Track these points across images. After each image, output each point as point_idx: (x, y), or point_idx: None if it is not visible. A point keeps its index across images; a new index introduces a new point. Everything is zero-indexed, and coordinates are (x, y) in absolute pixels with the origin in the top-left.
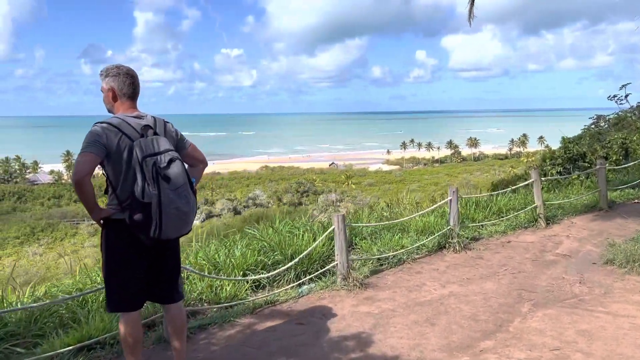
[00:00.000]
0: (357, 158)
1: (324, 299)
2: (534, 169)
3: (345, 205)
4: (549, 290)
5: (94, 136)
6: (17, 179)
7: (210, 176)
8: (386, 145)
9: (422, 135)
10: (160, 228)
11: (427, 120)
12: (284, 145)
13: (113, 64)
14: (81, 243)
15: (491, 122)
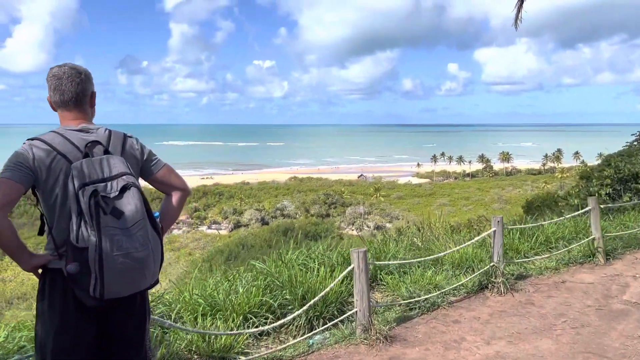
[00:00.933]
0: (386, 170)
1: (340, 357)
2: (592, 197)
3: (373, 218)
4: (624, 355)
5: (18, 157)
6: None
7: (240, 186)
8: (416, 158)
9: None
10: (102, 283)
11: (459, 134)
12: (313, 157)
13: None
14: None
15: (524, 137)
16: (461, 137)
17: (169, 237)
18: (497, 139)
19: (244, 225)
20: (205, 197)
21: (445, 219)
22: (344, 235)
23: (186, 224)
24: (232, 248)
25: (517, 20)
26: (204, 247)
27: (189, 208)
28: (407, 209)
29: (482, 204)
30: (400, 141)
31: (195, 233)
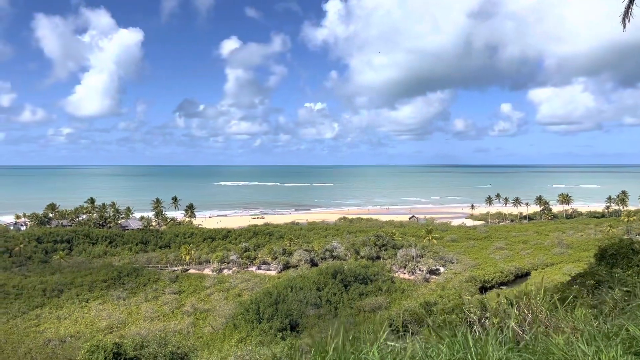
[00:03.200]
0: (438, 212)
1: None
2: None
3: (426, 261)
4: None
5: None
6: (111, 224)
7: (289, 226)
8: (469, 200)
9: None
10: None
11: (513, 175)
12: (363, 197)
13: None
14: (162, 289)
15: (583, 178)
16: (516, 178)
17: (218, 277)
18: (554, 180)
19: (293, 266)
20: (255, 237)
21: (547, 278)
22: (395, 279)
23: (236, 264)
24: (280, 290)
25: (626, 19)
26: (253, 288)
27: (239, 248)
28: (462, 252)
29: (541, 248)
30: (452, 182)
31: (244, 273)
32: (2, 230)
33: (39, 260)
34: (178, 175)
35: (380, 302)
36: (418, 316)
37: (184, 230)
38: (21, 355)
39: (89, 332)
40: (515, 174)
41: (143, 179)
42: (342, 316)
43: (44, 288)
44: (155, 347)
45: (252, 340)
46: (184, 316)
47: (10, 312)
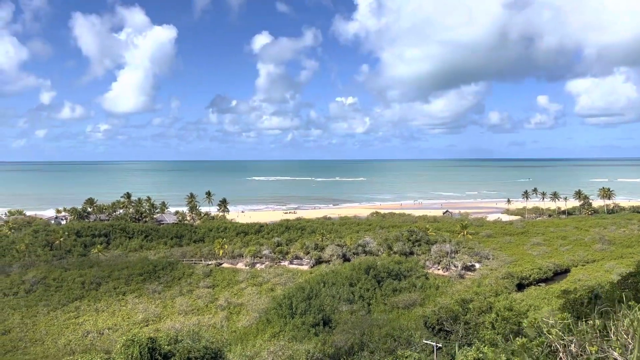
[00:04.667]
0: (473, 207)
1: None
2: None
3: (460, 257)
4: None
5: None
6: (147, 219)
7: (321, 221)
8: (505, 194)
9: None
10: None
11: (551, 168)
12: (395, 192)
13: None
14: (196, 283)
15: (624, 172)
16: (554, 171)
17: (251, 271)
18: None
19: (325, 261)
20: (287, 232)
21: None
22: (429, 275)
23: (269, 259)
24: (312, 285)
25: None
26: (285, 282)
27: (271, 242)
28: (497, 248)
29: (581, 244)
30: (487, 176)
31: (277, 268)
32: (44, 224)
33: (78, 253)
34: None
35: (414, 298)
36: (454, 314)
37: (218, 224)
38: (61, 347)
39: (125, 324)
40: (552, 168)
41: (177, 174)
42: (375, 312)
43: (83, 281)
44: (189, 342)
45: (285, 336)
46: (218, 310)
47: (51, 304)
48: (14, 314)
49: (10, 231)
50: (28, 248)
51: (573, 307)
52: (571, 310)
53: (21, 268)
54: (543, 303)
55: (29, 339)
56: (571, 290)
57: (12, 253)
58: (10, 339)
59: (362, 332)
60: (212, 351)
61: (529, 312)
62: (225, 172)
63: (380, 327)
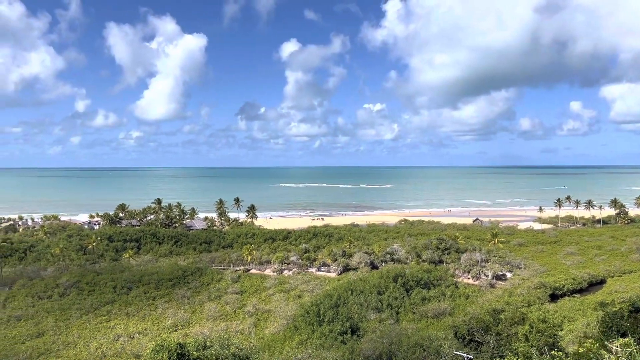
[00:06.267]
0: (504, 214)
1: None
2: None
3: (491, 266)
4: None
5: None
6: (176, 224)
7: (349, 227)
8: (537, 202)
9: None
10: None
11: (585, 176)
12: (424, 199)
13: None
14: (225, 289)
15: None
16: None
17: (279, 278)
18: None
19: (352, 269)
20: (315, 238)
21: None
22: (459, 283)
23: (296, 265)
24: (340, 293)
25: None
26: (313, 290)
27: (299, 249)
28: (529, 257)
29: (617, 254)
30: (518, 184)
31: (305, 275)
32: (77, 228)
33: (110, 258)
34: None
35: (444, 307)
36: (485, 324)
37: (246, 230)
38: (92, 350)
39: (155, 329)
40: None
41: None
42: (404, 321)
43: (115, 285)
44: (217, 349)
45: (312, 343)
46: (246, 316)
47: (84, 307)
48: (48, 317)
49: (46, 235)
50: (62, 252)
51: (612, 320)
52: (610, 324)
53: (55, 272)
54: (578, 315)
55: (62, 342)
56: (608, 302)
57: (47, 257)
58: (44, 341)
59: (391, 342)
60: (240, 358)
61: (563, 324)
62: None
63: (409, 337)
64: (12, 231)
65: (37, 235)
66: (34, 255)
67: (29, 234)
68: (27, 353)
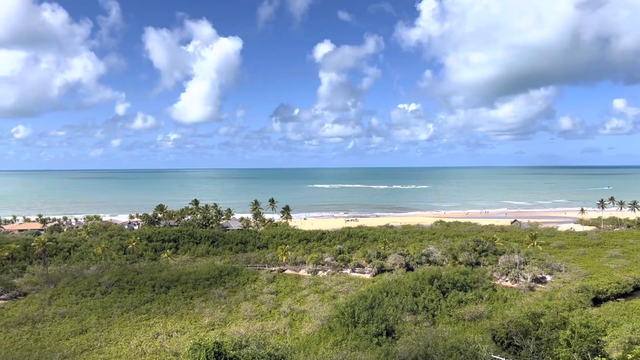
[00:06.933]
0: (543, 216)
1: None
2: None
3: (530, 269)
4: None
5: None
6: (213, 225)
7: (383, 229)
8: (578, 203)
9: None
10: None
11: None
12: (460, 200)
13: None
14: (260, 289)
15: None
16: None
17: (314, 278)
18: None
19: (387, 270)
20: (349, 240)
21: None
22: (496, 286)
23: (330, 266)
24: (375, 294)
25: None
26: (348, 291)
27: (333, 250)
28: (570, 260)
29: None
30: (558, 184)
31: (339, 276)
32: (118, 229)
33: (149, 257)
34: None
35: (481, 310)
36: (524, 328)
37: (281, 231)
38: (133, 347)
39: (192, 328)
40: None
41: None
42: (440, 324)
43: (154, 284)
44: (254, 348)
45: (347, 345)
46: (281, 316)
47: (124, 305)
48: (91, 314)
49: (89, 235)
50: (104, 252)
51: None
52: None
53: (98, 270)
54: (622, 320)
55: (104, 339)
56: None
57: (89, 256)
58: (87, 338)
59: (427, 344)
60: (276, 358)
61: (607, 329)
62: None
63: (445, 340)
64: (57, 231)
65: (80, 235)
66: (78, 254)
67: (73, 234)
68: (72, 349)
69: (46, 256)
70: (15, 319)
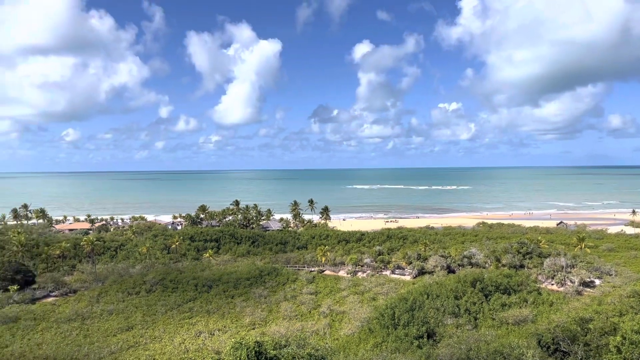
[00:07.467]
0: (591, 217)
1: None
2: None
3: (577, 272)
4: None
5: None
6: (253, 225)
7: (424, 230)
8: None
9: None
10: None
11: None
12: (503, 201)
13: None
14: (300, 289)
15: None
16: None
17: (353, 279)
18: None
19: (428, 272)
20: (389, 241)
21: None
22: (542, 290)
23: (370, 267)
24: (416, 296)
25: None
26: (387, 292)
27: (372, 251)
28: (621, 264)
29: None
30: (607, 185)
31: (379, 277)
32: (162, 229)
33: (191, 257)
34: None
35: (526, 314)
36: (572, 333)
37: (320, 232)
38: (176, 345)
39: (234, 327)
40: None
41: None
42: (482, 327)
43: (196, 283)
44: (294, 348)
45: (387, 347)
46: (320, 317)
47: (168, 304)
48: (136, 311)
49: (134, 235)
50: (148, 251)
51: None
52: None
53: (142, 269)
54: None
55: (149, 336)
56: None
57: (135, 255)
58: (133, 335)
59: (469, 348)
60: (316, 358)
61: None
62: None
63: (488, 343)
64: (104, 230)
65: (126, 234)
66: (124, 253)
67: (119, 234)
68: (118, 345)
69: (94, 255)
70: (66, 315)
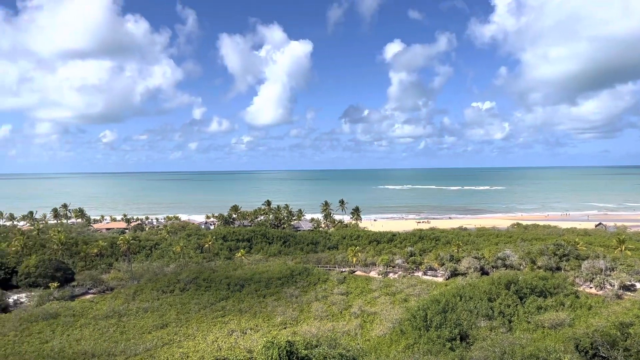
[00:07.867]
0: (632, 219)
1: None
2: None
3: (617, 275)
4: None
5: None
6: (285, 225)
7: (457, 231)
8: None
9: None
10: None
11: None
12: (539, 202)
13: None
14: (331, 289)
15: None
16: None
17: (384, 280)
18: None
19: (461, 274)
20: (421, 242)
21: None
22: (579, 293)
23: (402, 268)
24: (448, 298)
25: None
26: (419, 294)
27: (404, 252)
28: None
29: None
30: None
31: (410, 278)
32: (195, 228)
33: (224, 256)
34: (344, 179)
35: (563, 318)
36: (611, 338)
37: (351, 232)
38: (209, 342)
39: (265, 326)
40: None
41: (312, 183)
42: (517, 330)
43: (229, 283)
44: (325, 348)
45: (419, 348)
46: (352, 317)
47: (201, 302)
48: (171, 310)
49: (168, 234)
50: (182, 250)
51: None
52: None
53: (177, 268)
54: None
55: (183, 334)
56: None
57: (169, 254)
58: (167, 332)
59: (503, 351)
60: (347, 359)
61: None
62: (358, 181)
63: (523, 347)
64: (140, 230)
65: (161, 234)
66: (158, 252)
67: (154, 233)
68: (153, 342)
69: (130, 253)
70: (103, 312)
